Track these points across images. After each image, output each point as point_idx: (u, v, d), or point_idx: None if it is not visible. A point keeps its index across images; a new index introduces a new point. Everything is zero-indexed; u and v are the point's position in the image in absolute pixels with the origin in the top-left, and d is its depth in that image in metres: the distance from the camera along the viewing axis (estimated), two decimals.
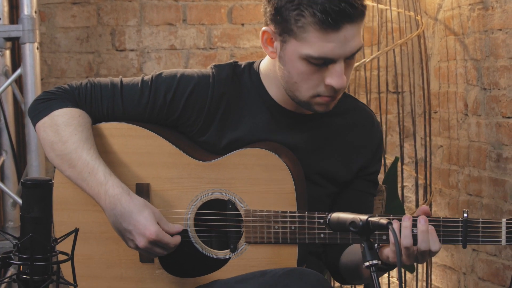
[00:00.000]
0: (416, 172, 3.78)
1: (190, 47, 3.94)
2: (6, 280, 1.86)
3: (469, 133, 3.60)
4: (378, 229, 1.75)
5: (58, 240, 1.80)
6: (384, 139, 3.76)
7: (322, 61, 2.03)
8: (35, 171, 3.24)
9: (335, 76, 2.04)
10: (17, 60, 3.64)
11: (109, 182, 2.10)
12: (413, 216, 2.01)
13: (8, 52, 3.47)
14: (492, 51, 3.34)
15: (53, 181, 1.78)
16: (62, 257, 1.81)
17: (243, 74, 2.25)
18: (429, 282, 3.81)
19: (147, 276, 2.22)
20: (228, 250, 2.18)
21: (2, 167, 3.49)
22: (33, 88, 3.25)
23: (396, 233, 1.75)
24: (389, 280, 3.86)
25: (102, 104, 2.22)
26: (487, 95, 3.41)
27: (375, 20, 3.95)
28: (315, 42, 2.02)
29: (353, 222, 1.78)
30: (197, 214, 2.19)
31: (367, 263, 1.76)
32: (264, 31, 2.12)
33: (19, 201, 3.34)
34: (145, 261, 2.21)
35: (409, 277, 4.00)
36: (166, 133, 2.24)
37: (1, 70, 3.45)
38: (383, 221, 1.74)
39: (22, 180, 1.76)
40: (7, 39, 3.36)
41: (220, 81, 2.21)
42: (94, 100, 2.22)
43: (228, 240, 2.17)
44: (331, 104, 2.13)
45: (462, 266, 3.72)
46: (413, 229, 1.98)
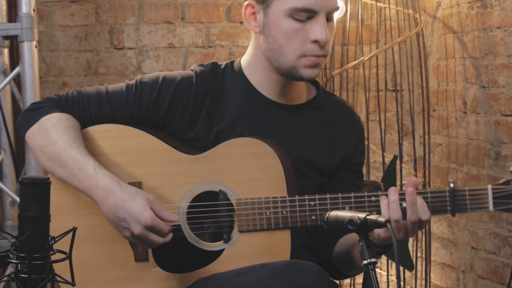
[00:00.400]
0: (415, 170, 3.78)
1: (189, 46, 3.94)
2: (4, 279, 1.86)
3: (468, 131, 3.60)
4: (376, 227, 1.75)
5: (56, 239, 1.79)
6: (382, 137, 3.76)
7: (305, 15, 2.16)
8: (33, 169, 3.23)
9: (318, 30, 2.16)
10: (15, 59, 3.63)
11: (99, 174, 2.13)
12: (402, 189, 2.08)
13: (6, 51, 3.47)
14: (491, 49, 3.34)
15: (50, 180, 1.78)
16: (60, 256, 1.81)
17: (225, 71, 2.33)
18: (428, 280, 3.82)
19: (142, 275, 2.22)
20: (222, 241, 2.19)
21: (0, 166, 3.48)
22: (31, 87, 3.24)
23: (392, 231, 1.76)
24: (388, 278, 3.86)
25: (90, 109, 2.27)
26: (486, 93, 3.41)
27: (374, 18, 3.95)
28: None
29: (351, 221, 1.78)
30: (189, 208, 2.21)
31: (365, 261, 1.76)
32: (247, 4, 2.25)
33: (18, 199, 3.34)
34: (140, 260, 2.22)
35: (408, 275, 4.00)
36: (155, 132, 2.27)
37: (0, 68, 3.45)
38: (381, 219, 1.74)
39: (20, 179, 1.76)
40: (5, 37, 3.35)
41: (203, 78, 2.29)
42: (82, 106, 2.27)
43: (222, 231, 2.19)
44: (317, 68, 2.21)
45: (461, 264, 3.72)
46: (402, 202, 2.05)
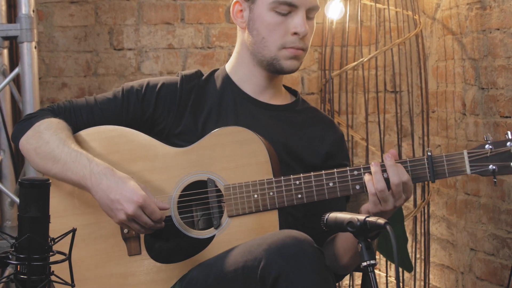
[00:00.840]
0: None
1: (188, 46, 3.94)
2: (3, 280, 1.86)
3: (467, 132, 3.60)
4: (375, 229, 1.76)
5: (56, 240, 1.80)
6: (382, 138, 3.76)
7: (287, 9, 2.34)
8: (32, 170, 3.23)
9: (298, 23, 2.34)
10: (15, 59, 3.63)
11: (93, 163, 2.22)
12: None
13: (5, 51, 3.47)
14: (490, 51, 3.35)
15: (50, 181, 1.78)
16: (59, 257, 1.81)
17: (209, 75, 2.49)
18: (427, 281, 3.82)
19: (136, 268, 2.28)
20: (212, 228, 2.26)
21: (0, 167, 3.48)
22: (31, 87, 3.25)
23: (391, 233, 1.76)
24: (387, 279, 3.87)
25: (81, 114, 2.39)
26: (485, 95, 3.41)
27: (373, 20, 3.95)
28: None
29: (350, 222, 1.78)
30: (180, 197, 2.28)
31: (364, 263, 1.76)
32: (235, 2, 2.43)
33: (17, 200, 3.34)
34: (133, 254, 2.27)
35: (407, 276, 4.00)
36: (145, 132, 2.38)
37: None
38: (381, 221, 1.74)
39: (19, 180, 1.76)
40: (5, 38, 3.35)
41: (188, 79, 2.45)
42: (74, 112, 2.39)
43: (212, 217, 2.27)
44: (297, 60, 2.38)
45: (460, 265, 3.72)
46: (384, 173, 2.15)
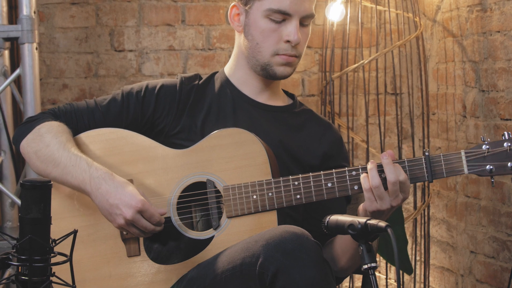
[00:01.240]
0: None
1: (189, 48, 3.94)
2: (3, 281, 1.86)
3: (467, 135, 3.60)
4: (376, 232, 1.76)
5: (57, 241, 1.80)
6: (382, 140, 3.76)
7: (280, 17, 2.37)
8: (33, 171, 3.23)
9: (291, 32, 2.36)
10: (16, 60, 3.64)
11: (92, 167, 2.22)
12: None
13: (7, 52, 3.47)
14: (491, 53, 3.35)
15: (52, 183, 1.78)
16: (60, 259, 1.81)
17: (208, 78, 2.51)
18: (427, 284, 3.82)
19: (135, 270, 2.28)
20: (211, 229, 2.27)
21: (0, 168, 3.48)
22: (32, 89, 3.25)
23: (392, 235, 1.76)
24: (387, 282, 3.87)
25: (82, 116, 2.40)
26: (485, 97, 3.42)
27: (374, 22, 3.95)
28: None
29: (351, 225, 1.79)
30: (179, 198, 2.29)
31: (365, 266, 1.76)
32: (233, 6, 2.47)
33: (17, 201, 3.34)
34: (132, 255, 2.28)
35: (407, 278, 4.00)
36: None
37: (0, 70, 3.44)
38: (382, 224, 1.75)
39: (21, 181, 1.77)
40: (6, 39, 3.36)
41: (187, 81, 2.47)
42: (75, 115, 2.41)
43: (211, 218, 2.28)
44: (289, 67, 2.41)
45: (460, 268, 3.72)
46: (381, 174, 2.16)
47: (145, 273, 2.27)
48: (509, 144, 2.17)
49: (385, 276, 3.88)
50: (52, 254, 1.78)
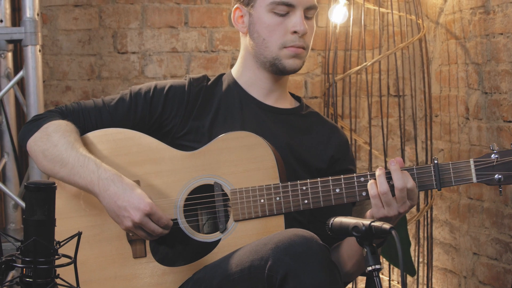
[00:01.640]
0: None
1: (192, 50, 3.94)
2: (6, 283, 1.86)
3: (470, 137, 3.60)
4: (381, 234, 1.76)
5: (62, 243, 1.80)
6: (385, 142, 3.76)
7: (284, 9, 2.37)
8: (36, 173, 3.24)
9: (297, 22, 2.37)
10: (19, 63, 3.64)
11: (100, 168, 2.22)
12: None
13: (10, 55, 3.48)
14: (493, 55, 3.35)
15: (56, 185, 1.79)
16: (65, 261, 1.81)
17: (216, 80, 2.51)
18: (430, 285, 3.82)
19: (140, 271, 2.28)
20: (218, 232, 2.26)
21: (3, 169, 3.49)
22: (35, 91, 3.25)
23: (396, 238, 1.76)
24: (390, 283, 3.87)
25: (90, 116, 2.39)
26: (488, 99, 3.42)
27: (377, 24, 3.95)
28: None
29: (356, 227, 1.78)
30: (186, 201, 2.28)
31: (369, 268, 1.76)
32: (236, 8, 2.46)
33: (21, 203, 3.34)
34: (138, 256, 2.27)
35: (409, 280, 4.00)
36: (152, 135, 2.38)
37: (3, 72, 3.45)
38: (386, 226, 1.75)
39: (25, 184, 1.77)
40: (9, 41, 3.36)
41: (196, 81, 2.46)
42: (82, 113, 2.39)
43: (218, 221, 2.27)
44: (298, 59, 2.40)
45: (462, 269, 3.72)
46: (390, 181, 2.15)
47: (151, 274, 2.27)
48: None
49: (388, 278, 3.88)
50: (56, 256, 1.78)
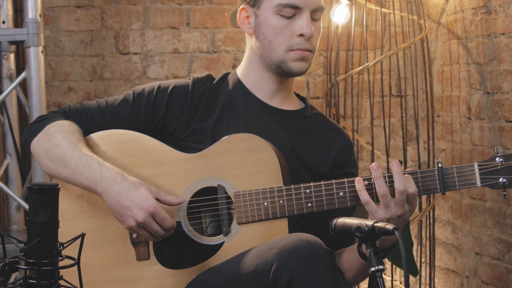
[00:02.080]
0: None
1: (194, 51, 3.95)
2: (10, 285, 1.86)
3: (472, 137, 3.60)
4: (383, 234, 1.76)
5: (65, 245, 1.81)
6: (387, 142, 3.76)
7: (291, 11, 2.35)
8: (39, 174, 3.24)
9: (303, 25, 2.34)
10: (21, 64, 3.64)
11: (103, 167, 2.20)
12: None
13: (12, 56, 3.48)
14: (495, 55, 3.35)
15: (59, 186, 1.79)
16: (68, 262, 1.82)
17: (221, 79, 2.49)
18: (432, 285, 3.82)
19: (144, 273, 2.27)
20: (222, 234, 2.25)
21: (6, 171, 3.49)
22: (37, 92, 3.25)
23: (400, 238, 1.76)
24: (392, 284, 3.87)
25: (92, 116, 2.38)
26: (490, 99, 3.42)
27: (378, 24, 3.95)
28: None
29: (359, 228, 1.79)
30: (189, 204, 2.27)
31: (373, 268, 1.77)
32: (241, 9, 2.44)
33: (23, 204, 3.35)
34: (142, 259, 2.27)
35: (412, 280, 4.00)
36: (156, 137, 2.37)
37: (6, 73, 3.45)
38: (389, 226, 1.75)
39: (28, 185, 1.77)
40: (12, 42, 3.36)
41: (200, 81, 2.44)
42: (85, 114, 2.39)
43: (221, 224, 2.26)
44: (304, 61, 2.38)
45: (465, 269, 3.72)
46: (391, 185, 2.14)
47: (154, 277, 2.26)
48: None
49: (390, 278, 3.88)
50: (60, 258, 1.78)
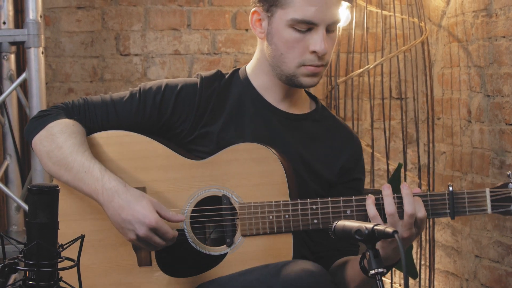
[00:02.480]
0: (419, 178, 3.78)
1: (194, 52, 3.95)
2: (8, 287, 1.86)
3: (472, 139, 3.60)
4: (383, 237, 1.76)
5: (65, 246, 1.80)
6: (387, 145, 3.77)
7: (305, 26, 2.23)
8: (39, 175, 3.24)
9: (318, 41, 2.23)
10: (22, 65, 3.64)
11: (105, 177, 2.16)
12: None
13: (13, 56, 3.48)
14: (496, 58, 3.35)
15: (59, 188, 1.78)
16: (68, 264, 1.81)
17: (230, 77, 2.40)
18: None
19: (145, 280, 2.24)
20: (225, 245, 2.22)
21: (6, 171, 3.49)
22: (37, 93, 3.25)
23: (399, 241, 1.76)
24: (392, 286, 3.87)
25: (96, 115, 2.31)
26: (491, 102, 3.42)
27: (379, 26, 3.96)
28: (299, 6, 2.22)
29: (358, 230, 1.78)
30: (193, 212, 2.23)
31: (372, 271, 1.76)
32: (254, 11, 2.32)
33: (23, 205, 3.35)
34: (143, 264, 2.24)
35: (411, 282, 4.00)
36: (160, 139, 2.31)
37: (6, 74, 3.45)
38: (389, 229, 1.74)
39: (28, 186, 1.77)
40: (12, 43, 3.37)
41: (208, 82, 2.35)
42: (88, 112, 2.31)
43: (225, 235, 2.22)
44: (316, 77, 2.29)
45: (464, 272, 3.72)
46: (400, 206, 2.08)
47: (155, 283, 2.23)
48: None
49: (390, 280, 3.88)
50: (59, 259, 1.78)
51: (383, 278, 4.03)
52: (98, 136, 2.30)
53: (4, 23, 3.36)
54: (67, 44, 3.86)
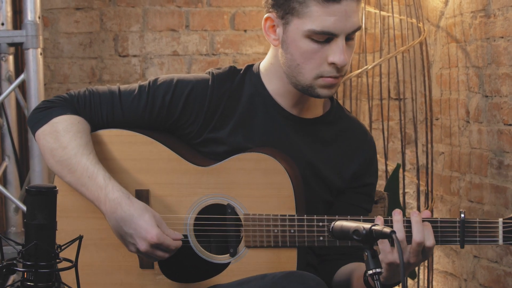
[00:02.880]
0: (418, 178, 3.78)
1: (193, 53, 3.95)
2: (8, 287, 1.86)
3: (471, 140, 3.61)
4: (381, 238, 1.75)
5: (63, 247, 1.80)
6: (385, 145, 3.77)
7: (324, 37, 2.08)
8: (37, 176, 3.24)
9: (337, 53, 2.08)
10: (20, 66, 3.64)
11: (109, 186, 2.10)
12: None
13: (11, 58, 3.48)
14: (494, 59, 3.35)
15: (57, 188, 1.78)
16: (66, 264, 1.82)
17: (244, 75, 2.28)
18: None
19: (147, 282, 2.22)
20: (228, 254, 2.18)
21: (4, 173, 3.49)
22: (36, 94, 3.25)
23: (397, 241, 1.76)
24: None
25: (101, 110, 2.23)
26: (489, 102, 3.42)
27: (377, 27, 3.96)
28: (317, 16, 2.06)
29: (356, 231, 1.78)
30: (196, 219, 2.19)
31: (370, 272, 1.76)
32: (267, 18, 2.17)
33: (22, 206, 3.35)
34: (145, 267, 2.21)
35: (410, 283, 4.00)
36: (166, 139, 2.25)
37: (4, 75, 3.46)
38: (387, 229, 1.74)
39: (26, 187, 1.77)
40: (11, 44, 3.37)
41: (220, 81, 2.24)
42: (94, 107, 2.23)
43: (228, 244, 2.18)
44: (334, 87, 2.16)
45: (463, 272, 3.72)
46: (408, 230, 2.01)
47: (156, 286, 2.20)
48: None
49: None
50: (57, 260, 1.78)
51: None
52: (102, 133, 2.24)
53: (2, 24, 3.36)
54: (66, 45, 3.86)
